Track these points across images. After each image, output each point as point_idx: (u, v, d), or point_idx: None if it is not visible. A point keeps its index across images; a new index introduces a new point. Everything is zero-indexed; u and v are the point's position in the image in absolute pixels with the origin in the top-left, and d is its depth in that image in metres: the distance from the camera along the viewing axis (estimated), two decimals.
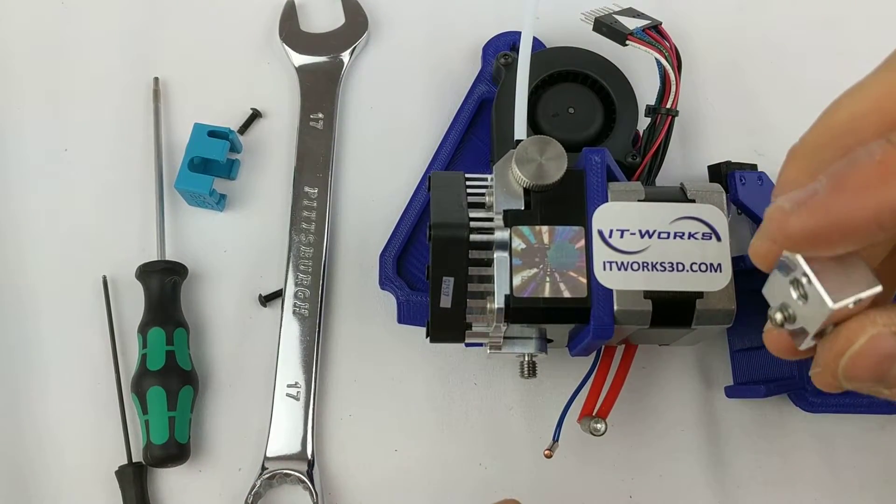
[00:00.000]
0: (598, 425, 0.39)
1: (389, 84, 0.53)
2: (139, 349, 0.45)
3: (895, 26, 0.54)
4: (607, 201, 0.36)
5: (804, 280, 0.24)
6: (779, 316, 0.26)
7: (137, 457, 0.44)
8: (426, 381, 0.46)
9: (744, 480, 0.45)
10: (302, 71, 0.52)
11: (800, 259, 0.25)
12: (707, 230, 0.36)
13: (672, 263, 0.35)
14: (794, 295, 0.25)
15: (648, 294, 0.35)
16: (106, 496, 0.44)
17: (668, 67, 0.44)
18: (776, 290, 0.26)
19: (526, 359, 0.39)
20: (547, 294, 0.35)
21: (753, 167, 0.46)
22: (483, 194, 0.38)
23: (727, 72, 0.53)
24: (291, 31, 0.53)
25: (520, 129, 0.39)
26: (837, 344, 0.24)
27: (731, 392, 0.45)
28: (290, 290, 0.46)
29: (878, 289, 0.24)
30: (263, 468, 0.43)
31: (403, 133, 0.51)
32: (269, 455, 0.44)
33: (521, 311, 0.35)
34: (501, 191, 0.37)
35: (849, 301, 0.24)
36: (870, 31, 0.54)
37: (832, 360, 0.25)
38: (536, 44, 0.49)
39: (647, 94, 0.46)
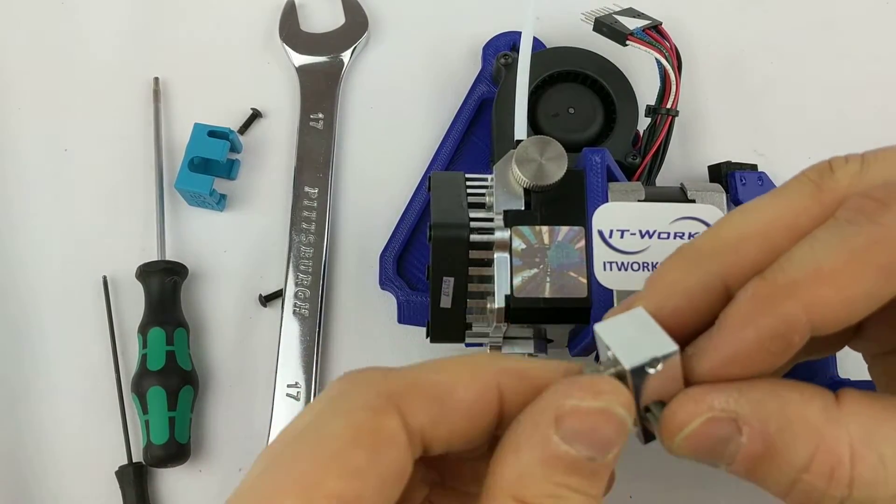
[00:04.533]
0: None
1: (389, 84, 0.53)
2: (139, 349, 0.45)
3: (895, 27, 0.55)
4: (607, 201, 0.36)
5: (609, 355, 0.25)
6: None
7: (137, 457, 0.44)
8: None
9: (745, 482, 0.44)
10: (302, 71, 0.52)
11: (598, 331, 0.25)
12: None
13: None
14: (602, 368, 0.25)
15: None
16: (106, 496, 0.44)
17: (668, 67, 0.44)
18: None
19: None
20: (547, 294, 0.35)
21: (753, 167, 0.46)
22: (483, 194, 0.38)
23: (727, 72, 0.53)
24: (292, 31, 0.53)
25: (520, 129, 0.39)
26: (671, 423, 0.25)
27: None
28: (290, 290, 0.46)
29: (673, 348, 0.24)
30: None
31: (403, 133, 0.51)
32: None
33: (522, 311, 0.35)
34: (501, 191, 0.37)
35: (644, 361, 0.24)
36: (870, 32, 0.54)
37: (667, 438, 0.25)
38: (537, 44, 0.49)
39: (647, 94, 0.46)
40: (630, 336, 0.25)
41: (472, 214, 0.37)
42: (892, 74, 0.53)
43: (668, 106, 0.44)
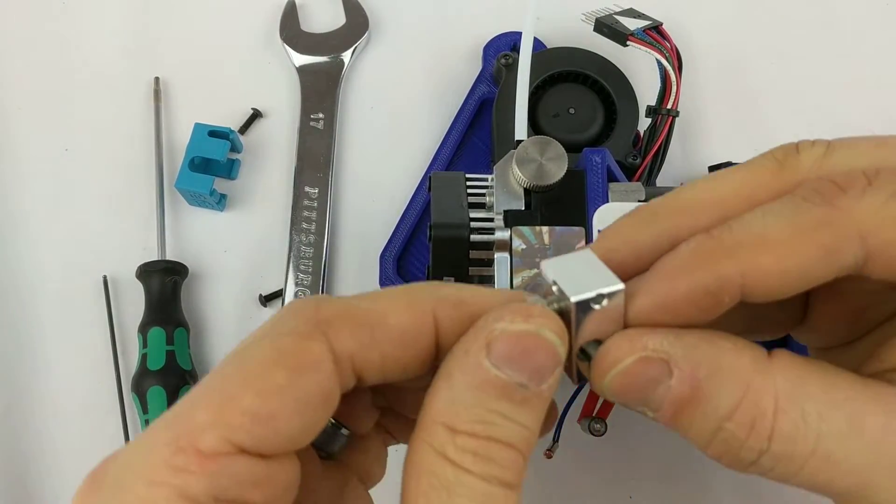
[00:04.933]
0: (598, 426, 0.39)
1: (390, 84, 0.53)
2: (139, 349, 0.45)
3: (894, 29, 0.55)
4: (608, 202, 0.37)
5: (554, 289, 0.25)
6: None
7: None
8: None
9: (745, 480, 0.45)
10: (302, 71, 0.52)
11: (544, 267, 0.25)
12: None
13: None
14: (546, 302, 0.25)
15: None
16: None
17: (668, 68, 0.44)
18: None
19: None
20: None
21: None
22: (483, 194, 0.38)
23: (727, 72, 0.53)
24: (292, 31, 0.53)
25: (520, 129, 0.39)
26: (604, 360, 0.25)
27: None
28: (290, 290, 0.46)
29: (620, 286, 0.24)
30: None
31: (404, 133, 0.51)
32: None
33: None
34: (502, 191, 0.37)
35: (590, 295, 0.24)
36: (870, 32, 0.54)
37: (598, 376, 0.25)
38: (537, 44, 0.49)
39: (647, 94, 0.46)
40: (577, 273, 0.25)
41: (473, 214, 0.37)
42: (892, 74, 0.53)
43: (669, 106, 0.44)
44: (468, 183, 0.38)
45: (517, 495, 0.23)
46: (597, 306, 0.24)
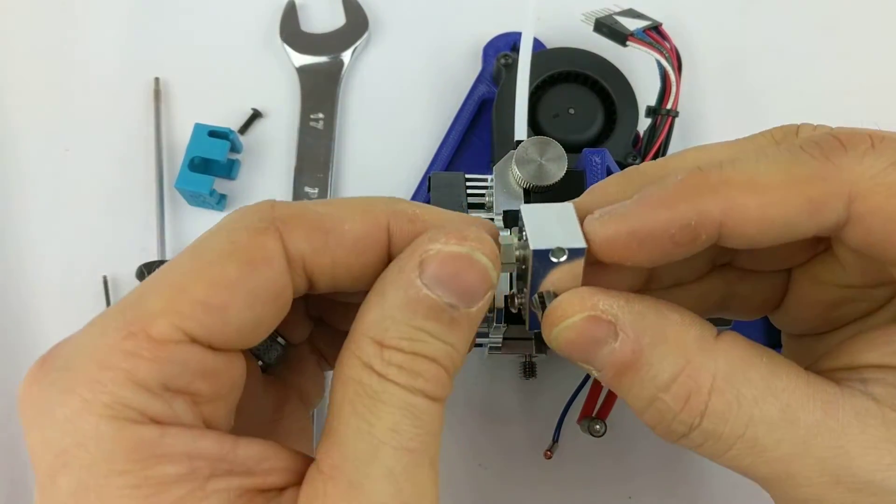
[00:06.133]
0: (598, 426, 0.39)
1: (390, 84, 0.53)
2: None
3: (894, 29, 0.55)
4: None
5: (523, 234, 0.26)
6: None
7: None
8: None
9: (744, 480, 0.45)
10: (302, 71, 0.52)
11: (522, 211, 0.26)
12: None
13: None
14: (516, 244, 0.26)
15: None
16: None
17: (668, 68, 0.44)
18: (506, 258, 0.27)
19: (526, 360, 0.39)
20: None
21: None
22: (483, 195, 0.38)
23: (727, 72, 0.53)
24: (292, 31, 0.53)
25: (520, 129, 0.39)
26: (555, 313, 0.25)
27: None
28: None
29: (582, 245, 0.25)
30: None
31: (403, 133, 0.51)
32: None
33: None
34: (502, 191, 0.37)
35: (549, 247, 0.25)
36: (870, 32, 0.54)
37: (547, 327, 0.25)
38: (537, 44, 0.49)
39: (647, 94, 0.46)
40: (549, 224, 0.25)
41: (472, 215, 0.37)
42: (892, 74, 0.53)
43: (669, 107, 0.44)
44: (468, 183, 0.38)
45: (440, 408, 0.24)
46: (555, 259, 0.25)
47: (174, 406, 0.23)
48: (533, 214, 0.26)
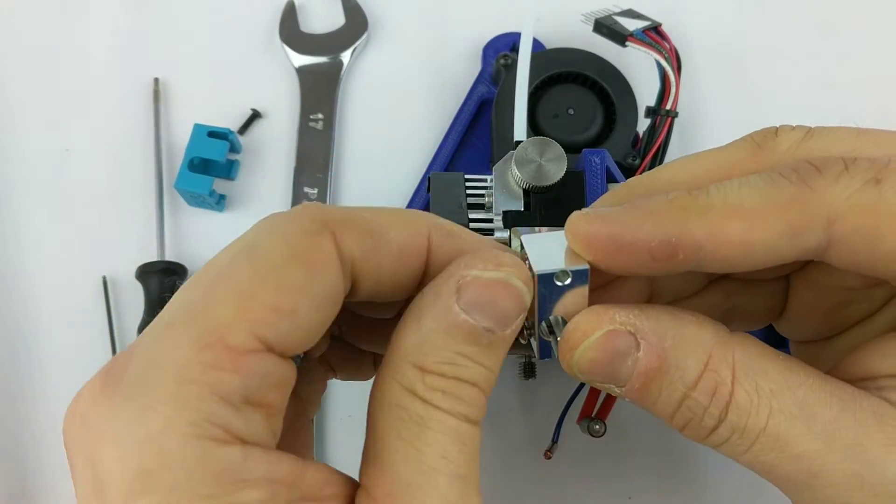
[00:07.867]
0: (598, 426, 0.39)
1: (389, 84, 0.53)
2: None
3: (894, 29, 0.55)
4: None
5: (526, 262, 0.26)
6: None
7: None
8: None
9: (745, 480, 0.45)
10: (302, 71, 0.52)
11: (523, 239, 0.26)
12: None
13: None
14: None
15: None
16: None
17: (667, 68, 0.44)
18: None
19: (525, 360, 0.39)
20: None
21: None
22: (483, 195, 0.38)
23: (727, 72, 0.53)
24: (291, 31, 0.53)
25: (519, 129, 0.39)
26: (573, 335, 0.25)
27: None
28: None
29: (584, 266, 0.25)
30: None
31: (403, 133, 0.51)
32: None
33: None
34: (501, 191, 0.37)
35: (553, 270, 0.25)
36: (869, 33, 0.54)
37: (567, 351, 0.25)
38: (536, 45, 0.49)
39: (646, 95, 0.46)
40: (550, 250, 0.26)
41: (472, 215, 0.37)
42: (892, 74, 0.53)
43: (668, 107, 0.44)
44: (467, 183, 0.38)
45: (479, 431, 0.24)
46: (559, 283, 0.25)
47: (253, 421, 0.22)
48: (533, 242, 0.26)
